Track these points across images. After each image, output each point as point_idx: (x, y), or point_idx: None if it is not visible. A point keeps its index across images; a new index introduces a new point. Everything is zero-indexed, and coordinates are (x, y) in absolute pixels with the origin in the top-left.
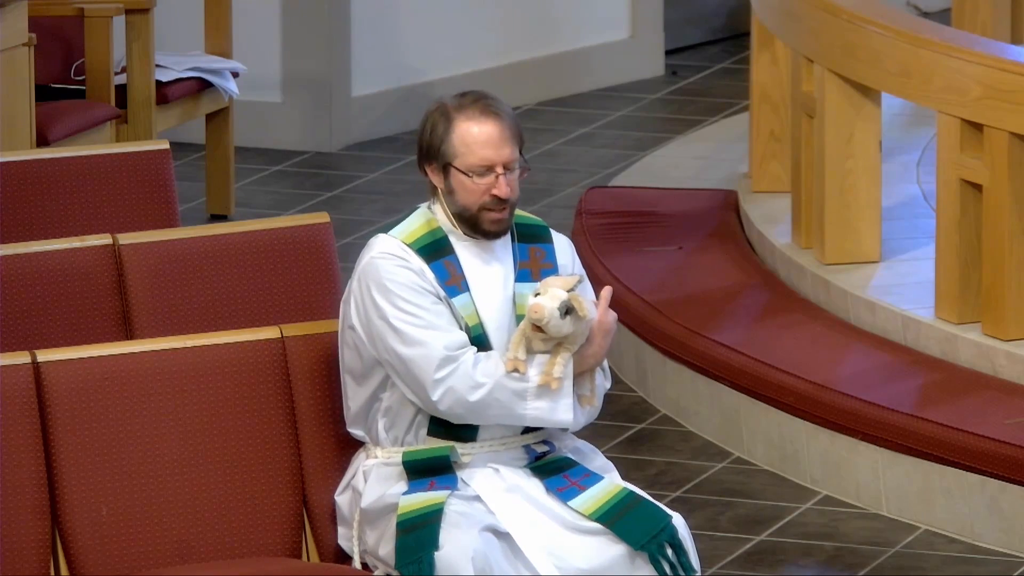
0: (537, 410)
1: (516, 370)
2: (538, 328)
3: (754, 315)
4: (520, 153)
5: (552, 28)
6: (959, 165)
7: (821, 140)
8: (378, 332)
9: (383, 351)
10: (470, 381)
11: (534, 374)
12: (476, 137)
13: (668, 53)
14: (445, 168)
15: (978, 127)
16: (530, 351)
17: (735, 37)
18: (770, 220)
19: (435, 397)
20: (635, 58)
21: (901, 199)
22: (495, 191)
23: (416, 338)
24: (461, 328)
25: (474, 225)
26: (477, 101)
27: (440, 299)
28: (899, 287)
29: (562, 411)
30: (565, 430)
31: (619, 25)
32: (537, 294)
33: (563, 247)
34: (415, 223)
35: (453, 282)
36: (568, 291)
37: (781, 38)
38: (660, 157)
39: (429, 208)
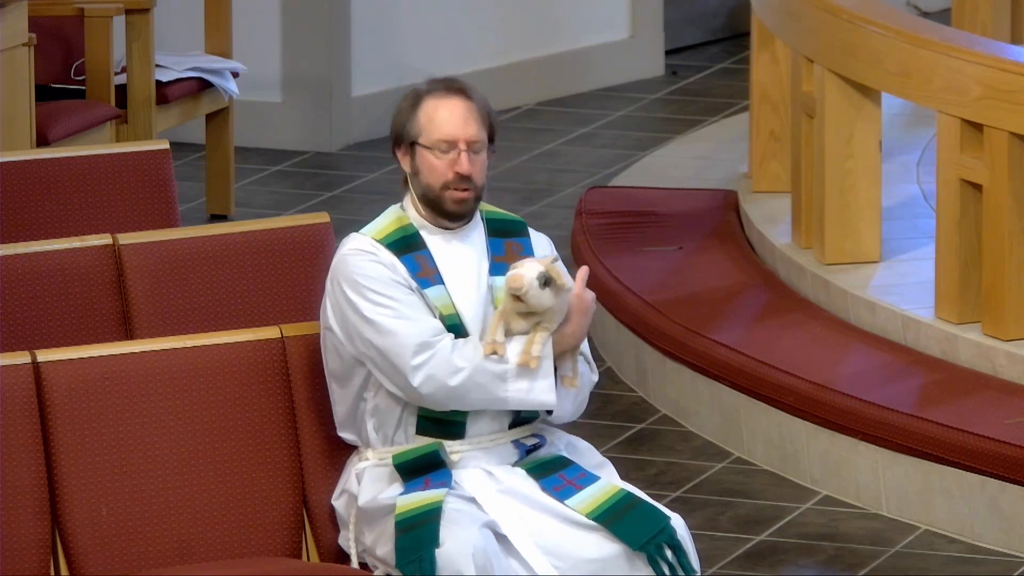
0: (518, 391)
1: (495, 353)
2: (518, 298)
3: (754, 315)
4: (491, 142)
5: (552, 28)
6: (959, 165)
7: (821, 140)
8: (354, 327)
9: (361, 345)
10: (449, 366)
11: (513, 355)
12: (439, 113)
13: (668, 53)
14: (412, 148)
15: (978, 127)
16: (509, 333)
17: (735, 37)
18: (770, 220)
19: (415, 383)
20: (635, 58)
21: (901, 199)
22: (457, 167)
23: (390, 328)
24: (436, 318)
25: (438, 207)
26: (446, 82)
27: (412, 290)
28: (899, 287)
29: (542, 391)
30: (553, 418)
31: (619, 25)
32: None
33: (541, 243)
34: (386, 220)
35: (425, 274)
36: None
37: (781, 38)
38: (660, 157)
39: (401, 206)
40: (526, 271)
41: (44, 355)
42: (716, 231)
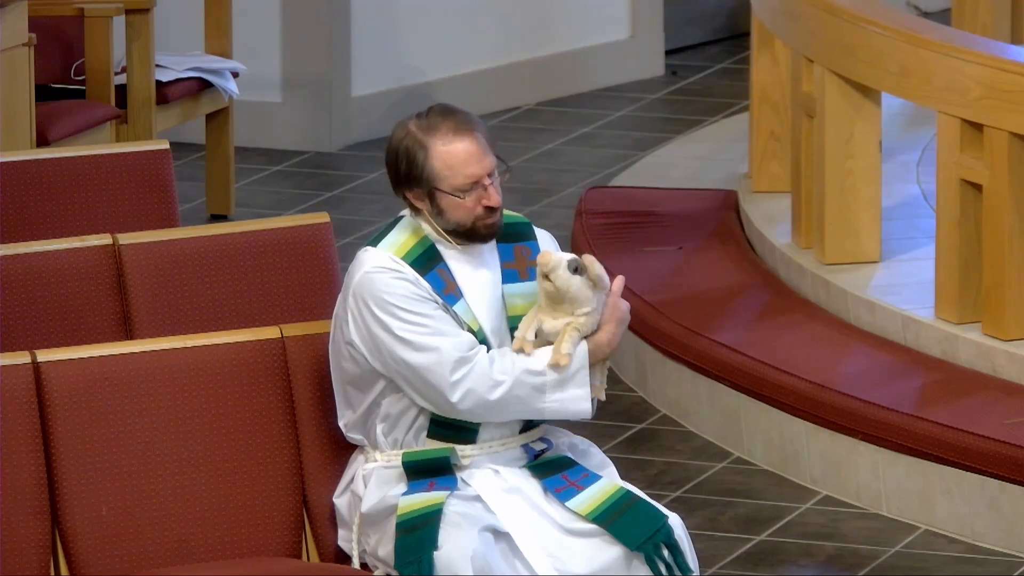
0: (556, 402)
1: (522, 349)
2: (547, 278)
3: (754, 315)
4: (496, 155)
5: (552, 28)
6: (959, 165)
7: (821, 140)
8: (384, 346)
9: (391, 362)
10: (488, 381)
11: (544, 359)
12: (457, 158)
13: (668, 53)
14: (430, 192)
15: (978, 127)
16: (540, 333)
17: (735, 37)
18: (770, 220)
19: (455, 399)
20: (635, 58)
21: (901, 199)
22: (486, 202)
23: (426, 344)
24: (466, 331)
25: (470, 235)
26: (446, 119)
27: (439, 305)
28: (899, 287)
29: (580, 402)
30: (562, 425)
31: (619, 25)
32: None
33: (547, 243)
34: (404, 235)
35: (449, 290)
36: None
37: (781, 38)
38: (660, 157)
39: (411, 216)
40: (557, 253)
41: (44, 355)
42: (716, 231)
